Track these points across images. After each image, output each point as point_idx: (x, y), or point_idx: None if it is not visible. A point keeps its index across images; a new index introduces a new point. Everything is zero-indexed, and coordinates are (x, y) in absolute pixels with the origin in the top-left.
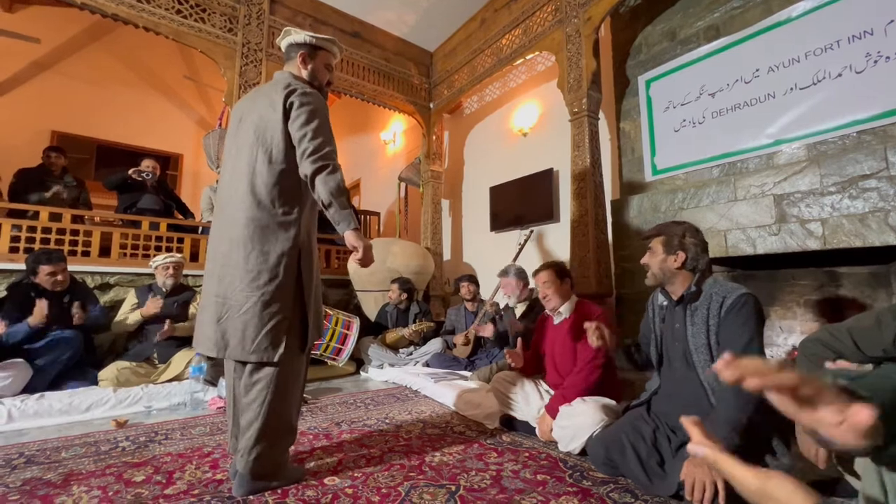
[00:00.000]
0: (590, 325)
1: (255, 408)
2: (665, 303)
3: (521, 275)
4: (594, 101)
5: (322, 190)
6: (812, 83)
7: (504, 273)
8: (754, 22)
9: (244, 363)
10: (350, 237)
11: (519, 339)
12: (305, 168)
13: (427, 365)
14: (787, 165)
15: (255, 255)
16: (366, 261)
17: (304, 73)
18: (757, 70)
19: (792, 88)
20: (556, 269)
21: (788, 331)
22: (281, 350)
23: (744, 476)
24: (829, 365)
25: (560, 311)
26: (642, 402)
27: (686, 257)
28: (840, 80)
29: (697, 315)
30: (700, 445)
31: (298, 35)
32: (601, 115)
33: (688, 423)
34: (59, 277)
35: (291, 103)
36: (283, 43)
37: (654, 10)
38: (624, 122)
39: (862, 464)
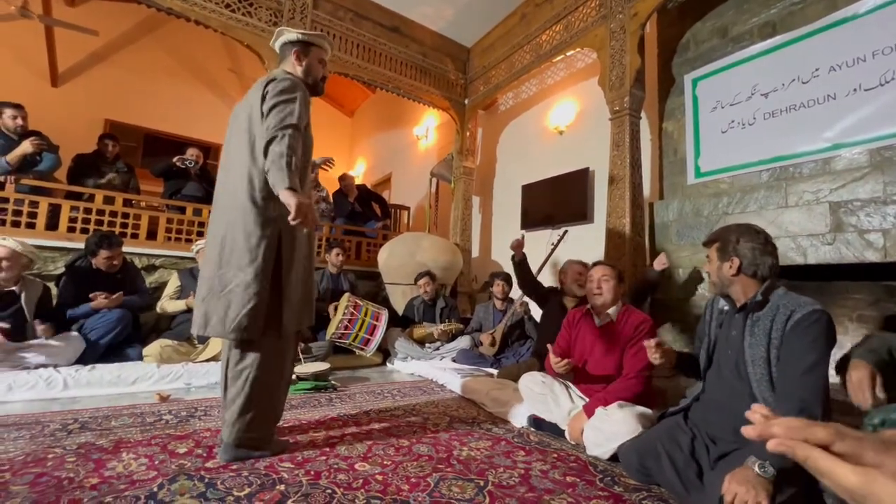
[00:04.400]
0: (650, 344)
1: (239, 384)
2: (726, 307)
3: None
4: (637, 99)
5: (269, 158)
6: (879, 84)
7: (585, 265)
8: (816, 18)
9: (234, 341)
10: (283, 196)
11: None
12: (263, 142)
13: (453, 360)
14: (846, 171)
15: (241, 238)
16: (302, 217)
17: (300, 70)
18: (816, 70)
19: (855, 89)
20: (618, 269)
21: (838, 346)
22: (259, 329)
23: (842, 473)
24: None
25: (608, 313)
26: (680, 410)
27: (741, 263)
28: None
29: (759, 326)
30: (782, 448)
31: (291, 34)
32: (643, 114)
33: (754, 416)
34: (115, 262)
35: (267, 91)
36: (276, 43)
37: (705, 6)
38: (667, 121)
39: None
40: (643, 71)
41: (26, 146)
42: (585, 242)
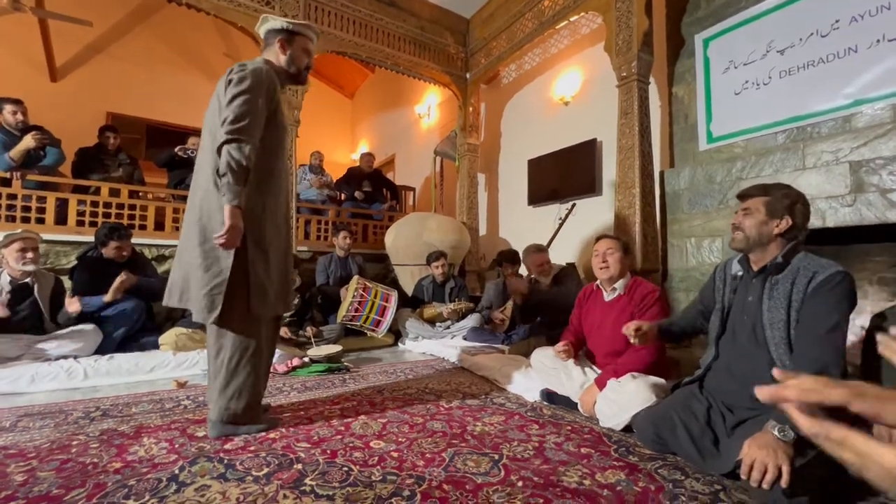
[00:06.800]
0: (628, 328)
1: (217, 364)
2: (739, 273)
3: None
4: (645, 63)
5: (223, 159)
6: None
7: (541, 250)
8: None
9: (212, 325)
10: (226, 211)
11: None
12: (220, 135)
13: (464, 338)
14: (868, 129)
15: (205, 220)
16: (229, 240)
17: (283, 59)
18: (836, 21)
19: (879, 40)
20: (622, 241)
21: (858, 310)
22: (216, 313)
23: (879, 453)
24: None
25: (615, 287)
26: (695, 379)
27: (793, 225)
28: None
29: (778, 289)
30: (816, 428)
31: (276, 22)
32: (651, 79)
33: (792, 411)
34: (125, 252)
35: (230, 80)
36: (261, 30)
37: None
38: (677, 86)
39: None
40: (651, 33)
41: (28, 141)
42: (594, 215)
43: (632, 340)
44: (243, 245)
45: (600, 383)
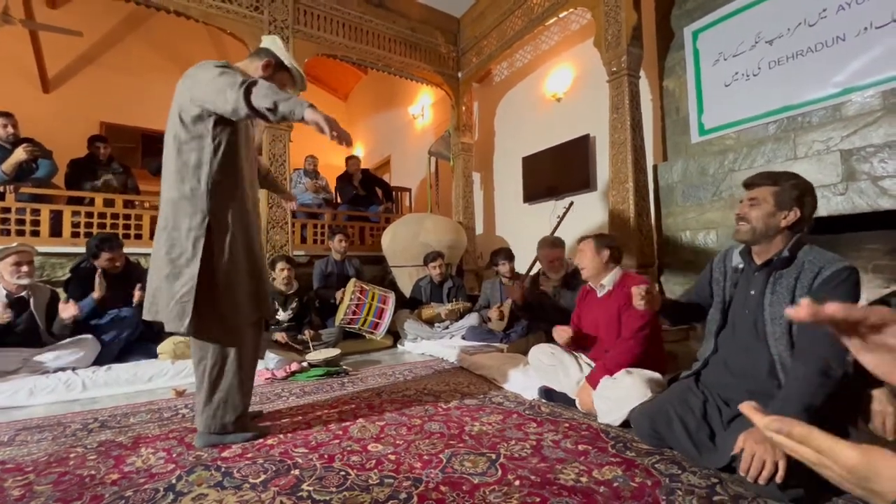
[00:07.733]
0: (637, 289)
1: (198, 375)
2: (741, 266)
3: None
4: (635, 58)
5: (260, 103)
6: (892, 20)
7: (556, 245)
8: None
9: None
10: (309, 116)
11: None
12: (238, 107)
13: (463, 338)
14: (858, 116)
15: (170, 229)
16: (341, 135)
17: (258, 75)
18: (824, 10)
19: (866, 28)
20: (595, 239)
21: None
22: (187, 322)
23: (840, 451)
24: None
25: (602, 284)
26: (693, 373)
27: (801, 217)
28: None
29: (782, 283)
30: (777, 424)
31: (278, 50)
32: (642, 73)
33: (748, 411)
34: (117, 263)
35: (185, 79)
36: (264, 41)
37: None
38: (667, 79)
39: None
40: (640, 27)
41: (20, 153)
42: (589, 211)
43: (637, 302)
44: (210, 252)
45: (592, 381)
